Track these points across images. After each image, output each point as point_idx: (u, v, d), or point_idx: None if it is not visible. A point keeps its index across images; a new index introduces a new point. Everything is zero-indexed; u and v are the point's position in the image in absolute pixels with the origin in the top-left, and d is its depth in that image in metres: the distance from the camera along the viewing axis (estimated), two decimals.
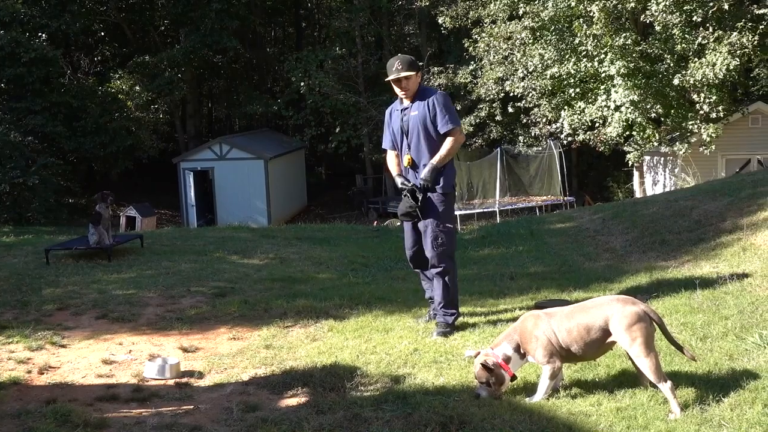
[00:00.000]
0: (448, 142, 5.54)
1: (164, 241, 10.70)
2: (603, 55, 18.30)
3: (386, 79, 5.71)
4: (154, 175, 32.94)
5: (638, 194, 21.78)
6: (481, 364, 4.18)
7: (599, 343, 4.11)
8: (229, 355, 5.33)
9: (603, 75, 18.60)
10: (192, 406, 4.33)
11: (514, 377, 4.29)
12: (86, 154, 27.35)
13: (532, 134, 22.97)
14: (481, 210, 25.37)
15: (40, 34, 27.89)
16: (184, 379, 4.83)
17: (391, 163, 5.84)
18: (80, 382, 4.83)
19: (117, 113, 29.18)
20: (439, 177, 5.52)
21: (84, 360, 5.26)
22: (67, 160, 27.84)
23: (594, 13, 17.86)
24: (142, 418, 4.16)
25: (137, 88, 31.85)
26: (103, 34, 33.89)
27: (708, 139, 18.17)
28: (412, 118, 5.59)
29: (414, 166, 5.65)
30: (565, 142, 22.31)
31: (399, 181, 5.67)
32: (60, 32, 28.60)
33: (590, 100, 19.54)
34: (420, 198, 5.50)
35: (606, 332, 4.07)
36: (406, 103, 5.68)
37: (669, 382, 3.90)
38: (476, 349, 4.43)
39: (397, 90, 5.66)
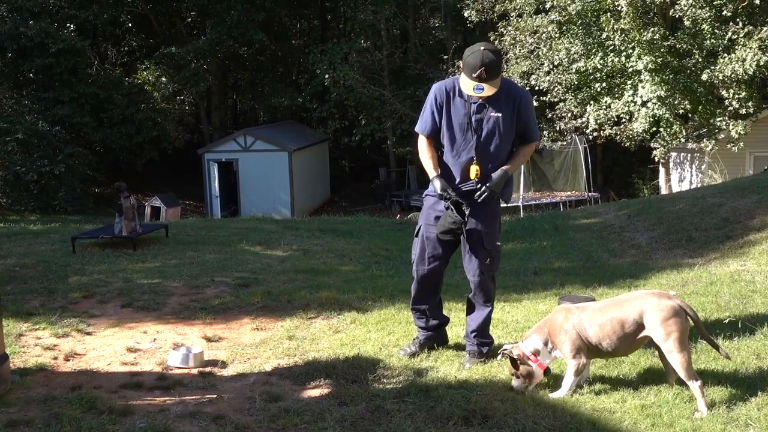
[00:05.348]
0: (527, 151, 4.74)
1: (189, 232, 10.76)
2: (630, 50, 18.12)
3: (463, 72, 4.45)
4: (179, 165, 33.16)
5: (664, 191, 21.57)
6: (506, 355, 4.17)
7: (632, 338, 4.04)
8: (252, 345, 5.35)
9: (630, 70, 18.42)
10: (215, 395, 4.36)
11: (547, 371, 4.23)
12: (112, 145, 27.61)
13: (557, 129, 22.79)
14: (505, 205, 25.24)
15: (68, 24, 28.21)
16: (208, 369, 4.85)
17: (426, 155, 4.66)
18: (105, 370, 4.87)
19: (143, 104, 29.42)
20: (506, 186, 4.70)
21: (109, 348, 5.31)
22: (94, 150, 28.14)
23: (622, 7, 17.68)
24: (165, 406, 4.19)
25: (163, 79, 32.10)
26: (130, 25, 34.14)
27: (736, 135, 17.94)
28: (492, 118, 4.50)
29: (484, 179, 4.55)
30: (590, 137, 22.11)
31: (439, 186, 4.51)
32: (88, 23, 28.88)
33: (617, 95, 19.35)
34: (467, 213, 4.49)
35: (640, 326, 4.00)
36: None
37: (699, 381, 3.85)
38: (511, 342, 4.40)
39: (469, 91, 4.45)
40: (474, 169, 4.54)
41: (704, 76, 17.56)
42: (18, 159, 23.05)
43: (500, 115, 4.51)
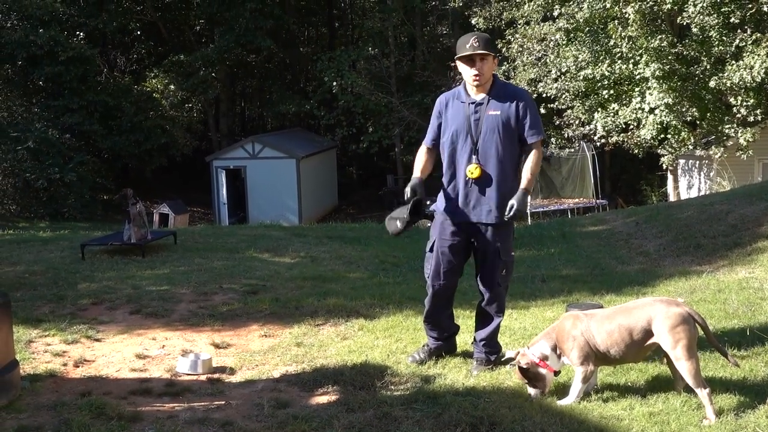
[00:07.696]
0: (535, 157, 4.55)
1: (197, 239, 10.80)
2: (638, 57, 18.10)
3: (456, 56, 4.55)
4: (187, 173, 33.25)
5: (672, 198, 21.51)
6: (517, 366, 4.17)
7: (640, 345, 4.04)
8: (261, 351, 5.37)
9: (638, 77, 18.40)
10: (223, 402, 4.37)
11: (557, 372, 4.25)
12: (121, 152, 27.74)
13: (565, 136, 22.78)
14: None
15: (77, 32, 28.38)
16: (216, 375, 4.87)
17: (418, 161, 4.75)
18: (114, 376, 4.89)
19: (152, 112, 29.56)
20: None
21: (118, 354, 5.33)
22: (103, 158, 28.28)
23: (629, 14, 17.66)
24: (174, 412, 4.21)
25: (172, 86, 32.27)
26: (139, 33, 34.34)
27: (745, 143, 17.89)
28: (489, 117, 4.51)
29: (483, 180, 4.55)
30: (598, 144, 22.08)
31: (411, 184, 4.55)
32: (97, 31, 29.08)
33: (624, 102, 19.34)
34: (421, 214, 4.56)
35: (648, 333, 4.00)
36: (478, 95, 4.58)
37: (707, 388, 3.84)
38: (516, 350, 4.40)
39: (468, 74, 4.52)
40: (475, 169, 4.53)
41: (712, 84, 17.52)
42: (28, 166, 23.17)
43: (499, 113, 4.51)
